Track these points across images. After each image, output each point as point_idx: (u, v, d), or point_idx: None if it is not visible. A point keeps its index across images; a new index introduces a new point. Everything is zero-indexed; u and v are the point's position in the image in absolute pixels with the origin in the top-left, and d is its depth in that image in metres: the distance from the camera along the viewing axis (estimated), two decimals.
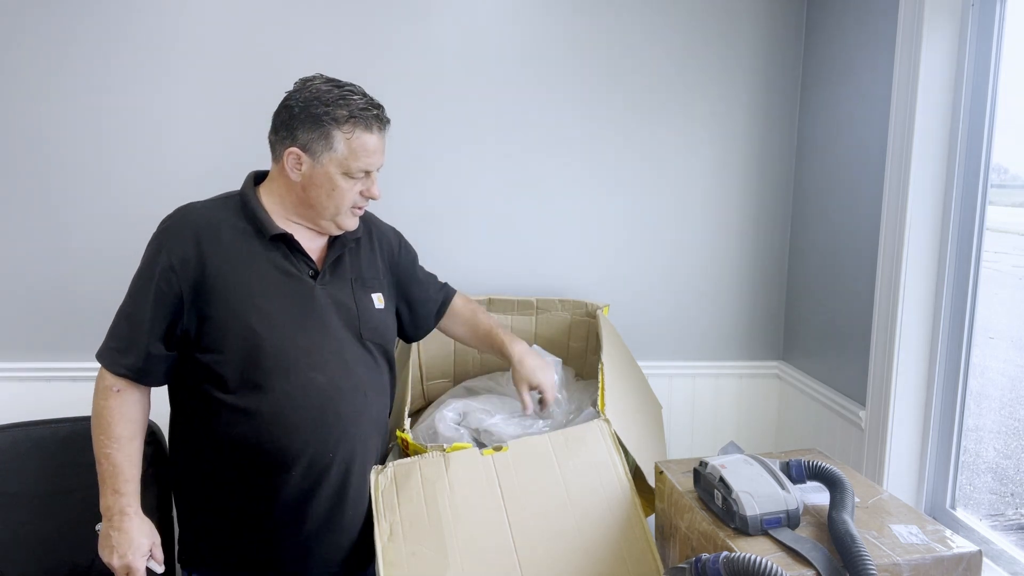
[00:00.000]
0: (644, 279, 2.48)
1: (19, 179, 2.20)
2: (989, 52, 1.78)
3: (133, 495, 1.42)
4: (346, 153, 1.44)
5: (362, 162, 1.46)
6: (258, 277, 1.45)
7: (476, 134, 2.34)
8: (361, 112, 1.43)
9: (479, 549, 1.49)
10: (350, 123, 1.43)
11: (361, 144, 1.44)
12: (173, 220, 1.48)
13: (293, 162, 1.45)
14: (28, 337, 2.26)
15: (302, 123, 1.42)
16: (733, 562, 1.18)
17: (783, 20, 2.40)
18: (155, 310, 1.41)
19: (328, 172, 1.44)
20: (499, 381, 2.04)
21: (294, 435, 1.44)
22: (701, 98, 2.41)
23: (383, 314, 1.62)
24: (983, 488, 2.88)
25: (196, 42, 2.19)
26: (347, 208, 1.49)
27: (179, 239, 1.43)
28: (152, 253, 1.44)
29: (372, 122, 1.45)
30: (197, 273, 1.42)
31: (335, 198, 1.47)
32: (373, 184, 1.51)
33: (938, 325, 1.91)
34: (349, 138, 1.43)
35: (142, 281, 1.43)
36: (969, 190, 1.83)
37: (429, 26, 2.28)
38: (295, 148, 1.44)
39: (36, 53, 2.15)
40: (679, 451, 2.50)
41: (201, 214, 1.48)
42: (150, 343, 1.42)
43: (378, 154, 1.48)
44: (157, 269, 1.41)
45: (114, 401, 1.42)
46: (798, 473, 1.45)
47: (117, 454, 1.40)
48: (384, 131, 1.49)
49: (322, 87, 1.44)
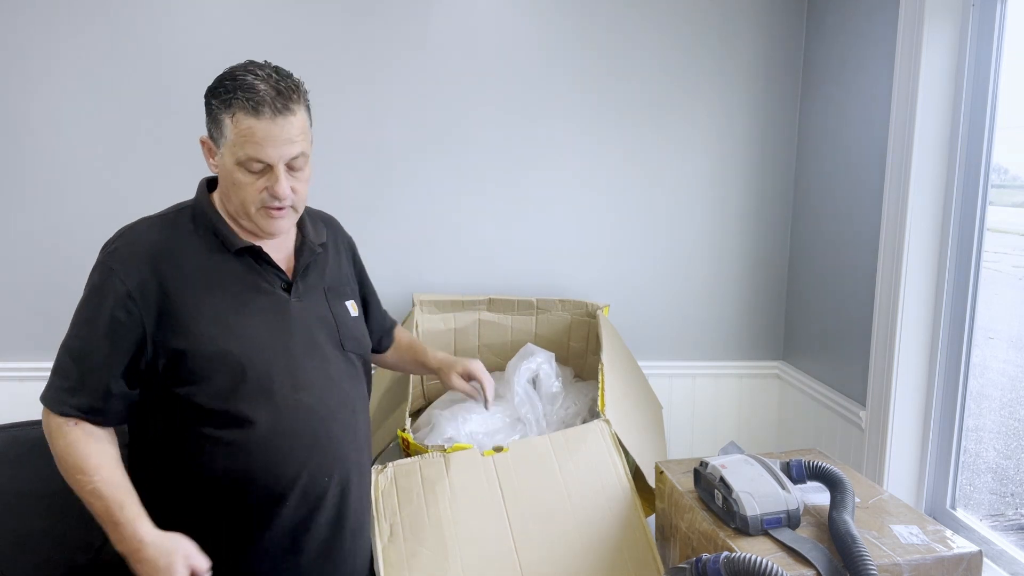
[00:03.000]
0: (644, 279, 2.48)
1: (19, 179, 2.20)
2: (989, 52, 1.78)
3: (136, 518, 1.23)
4: (234, 140, 1.25)
5: (250, 150, 1.25)
6: (229, 297, 1.31)
7: (476, 135, 2.34)
8: (247, 93, 1.24)
9: (479, 549, 1.49)
10: (235, 105, 1.24)
11: (246, 130, 1.24)
12: (123, 242, 1.30)
13: (205, 152, 1.33)
14: (28, 337, 2.25)
15: (208, 109, 1.29)
16: (733, 562, 1.18)
17: (783, 20, 2.40)
18: (112, 343, 1.25)
19: (226, 164, 1.29)
20: (500, 382, 2.04)
21: (287, 463, 1.31)
22: (701, 99, 2.41)
23: (359, 322, 1.50)
24: (983, 488, 2.88)
25: (194, 41, 2.19)
26: (253, 207, 1.30)
27: (132, 263, 1.27)
28: (101, 279, 1.27)
29: (260, 105, 1.23)
30: (159, 299, 1.27)
31: (238, 194, 1.30)
32: (276, 181, 1.28)
33: (938, 325, 1.91)
34: (234, 123, 1.25)
35: (91, 311, 1.27)
36: (969, 190, 1.83)
37: (432, 28, 2.28)
38: (205, 136, 1.31)
39: (36, 52, 2.15)
40: (679, 451, 2.50)
41: (153, 233, 1.32)
42: (110, 380, 1.26)
43: (271, 144, 1.25)
44: (111, 297, 1.25)
45: (76, 433, 1.25)
46: (798, 473, 1.45)
47: (102, 486, 1.24)
48: (279, 116, 1.25)
49: (233, 68, 1.29)
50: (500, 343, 2.24)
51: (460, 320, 2.23)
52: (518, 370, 1.95)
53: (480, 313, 2.24)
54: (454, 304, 2.22)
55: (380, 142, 2.30)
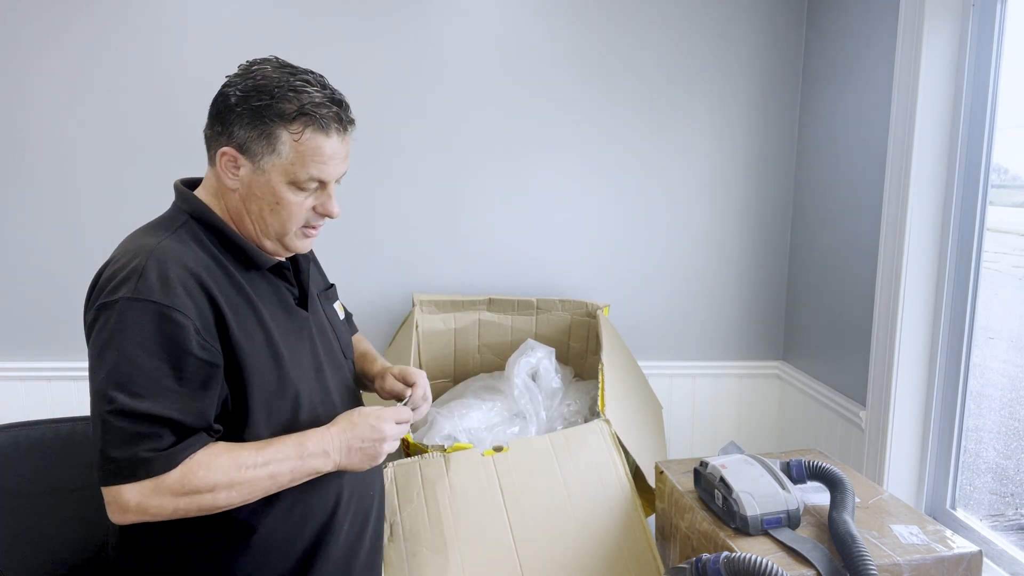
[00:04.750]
0: (644, 279, 2.48)
1: (19, 179, 2.20)
2: (989, 52, 1.78)
3: (313, 443, 1.14)
4: (293, 158, 1.13)
5: (313, 170, 1.15)
6: (268, 320, 1.18)
7: (476, 135, 2.34)
8: (315, 108, 1.13)
9: (479, 549, 1.49)
10: (300, 120, 1.13)
11: (313, 148, 1.14)
12: (156, 274, 1.08)
13: (228, 164, 1.15)
14: (28, 337, 2.26)
15: (240, 117, 1.13)
16: (733, 562, 1.18)
17: (783, 21, 2.40)
18: (206, 388, 1.09)
19: (270, 181, 1.14)
20: (499, 381, 2.05)
21: (340, 485, 1.24)
22: (701, 99, 2.41)
23: (346, 325, 1.43)
24: (983, 488, 2.88)
25: (193, 42, 2.19)
26: (295, 227, 1.19)
27: (180, 293, 1.08)
28: (154, 324, 1.05)
29: (329, 122, 1.15)
30: (219, 330, 1.11)
31: (280, 214, 1.17)
32: (330, 199, 1.19)
33: (938, 325, 1.91)
34: (298, 139, 1.13)
35: (160, 363, 1.05)
36: (969, 190, 1.83)
37: (429, 29, 2.28)
38: (230, 148, 1.14)
39: (36, 55, 2.15)
40: (679, 451, 2.50)
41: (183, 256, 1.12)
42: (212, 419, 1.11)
43: (336, 161, 1.17)
44: (182, 338, 1.06)
45: (201, 455, 1.07)
46: (798, 473, 1.45)
47: (268, 460, 1.10)
48: (346, 134, 1.19)
49: (270, 73, 1.15)
50: (500, 343, 2.24)
51: (460, 320, 2.23)
52: (517, 364, 1.96)
53: (480, 313, 2.24)
54: (454, 304, 2.22)
55: (380, 142, 2.30)
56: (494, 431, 1.83)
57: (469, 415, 1.85)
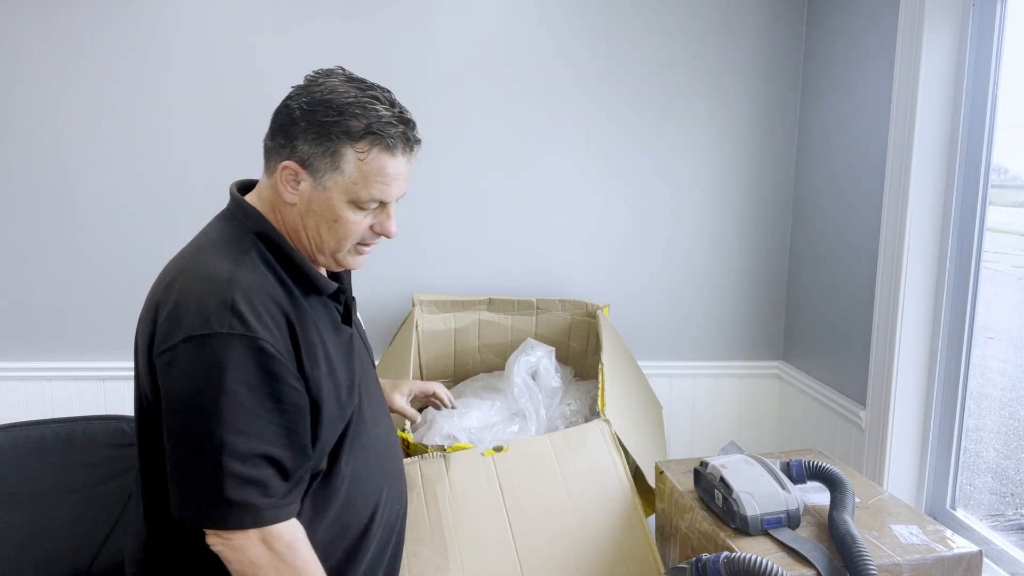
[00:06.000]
0: (644, 279, 2.48)
1: (19, 180, 2.20)
2: (989, 52, 1.78)
3: None
4: (356, 177, 1.11)
5: (375, 190, 1.12)
6: (329, 344, 1.16)
7: (476, 135, 2.34)
8: (384, 127, 1.11)
9: (479, 549, 1.49)
10: (367, 139, 1.10)
11: (378, 168, 1.11)
12: (248, 298, 1.05)
13: (288, 178, 1.12)
14: (28, 337, 2.26)
15: (305, 131, 1.10)
16: (733, 562, 1.18)
17: (784, 21, 2.40)
18: (306, 420, 1.10)
19: (330, 199, 1.12)
20: (499, 380, 2.05)
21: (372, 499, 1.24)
22: (701, 98, 2.41)
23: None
24: (983, 488, 2.88)
25: (193, 41, 2.19)
26: (350, 244, 1.17)
27: (269, 324, 1.05)
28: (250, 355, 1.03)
29: (397, 141, 1.12)
30: (298, 361, 1.09)
31: (336, 232, 1.14)
32: (388, 219, 1.17)
33: (938, 325, 1.91)
34: (363, 158, 1.10)
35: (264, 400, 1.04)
36: (969, 190, 1.83)
37: (431, 26, 2.28)
38: (292, 162, 1.11)
39: (36, 56, 2.15)
40: (679, 451, 2.50)
41: (264, 283, 1.09)
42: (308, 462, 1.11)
43: (399, 182, 1.15)
44: (279, 371, 1.05)
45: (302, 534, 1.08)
46: (798, 473, 1.45)
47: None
48: (412, 154, 1.17)
49: (339, 86, 1.12)
50: (500, 343, 2.24)
51: (460, 320, 2.23)
52: (517, 363, 1.96)
53: (480, 313, 2.24)
54: (454, 304, 2.22)
55: None
56: (494, 430, 1.83)
57: (469, 414, 1.85)
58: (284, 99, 1.15)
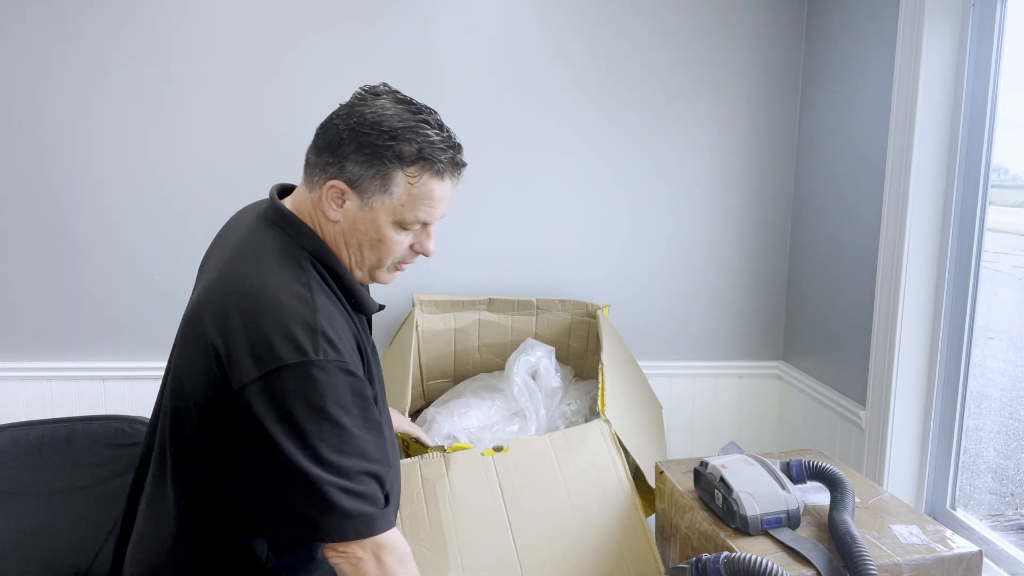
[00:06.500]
0: (644, 279, 2.48)
1: (20, 180, 2.20)
2: (989, 52, 1.78)
3: None
4: (404, 200, 1.12)
5: (421, 213, 1.14)
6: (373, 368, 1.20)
7: (476, 135, 2.34)
8: (436, 153, 1.12)
9: (480, 549, 1.49)
10: (418, 164, 1.11)
11: (426, 192, 1.13)
12: (331, 323, 1.08)
13: (334, 196, 1.13)
14: (28, 337, 2.26)
15: (356, 153, 1.10)
16: (733, 562, 1.18)
17: (784, 21, 2.40)
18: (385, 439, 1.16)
19: (376, 219, 1.13)
20: (499, 380, 2.05)
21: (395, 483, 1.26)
22: (701, 99, 2.41)
23: None
24: (983, 488, 2.88)
25: (196, 43, 2.19)
26: (391, 262, 1.19)
27: (348, 347, 1.09)
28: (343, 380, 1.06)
29: (446, 166, 1.14)
30: (368, 381, 1.14)
31: (379, 251, 1.16)
32: (429, 239, 1.19)
33: (938, 325, 1.91)
34: (413, 183, 1.11)
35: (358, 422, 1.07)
36: (969, 190, 1.83)
37: (431, 26, 2.28)
38: (340, 182, 1.11)
39: (39, 56, 2.15)
40: (679, 451, 2.50)
41: (333, 307, 1.12)
42: None
43: (444, 204, 1.17)
44: (366, 393, 1.10)
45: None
46: (798, 473, 1.45)
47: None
48: (458, 178, 1.18)
49: (388, 107, 1.12)
50: (500, 343, 2.24)
51: (460, 320, 2.23)
52: (517, 363, 1.96)
53: (480, 313, 2.24)
54: (454, 304, 2.22)
55: None
56: (494, 429, 1.83)
57: (469, 414, 1.86)
58: (331, 116, 1.15)
